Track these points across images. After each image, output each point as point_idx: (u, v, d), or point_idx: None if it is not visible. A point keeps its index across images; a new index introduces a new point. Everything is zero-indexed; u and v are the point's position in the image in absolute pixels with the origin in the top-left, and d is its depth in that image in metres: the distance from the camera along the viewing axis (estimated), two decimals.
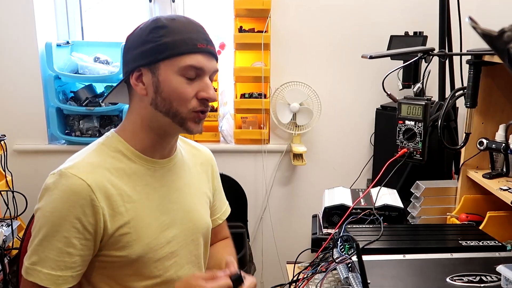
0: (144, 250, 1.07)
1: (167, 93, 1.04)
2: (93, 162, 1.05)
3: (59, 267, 0.99)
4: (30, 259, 1.00)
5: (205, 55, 1.06)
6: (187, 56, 1.03)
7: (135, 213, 1.06)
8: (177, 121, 1.06)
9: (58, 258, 0.99)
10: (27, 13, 2.19)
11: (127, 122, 1.13)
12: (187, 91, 1.05)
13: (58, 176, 1.01)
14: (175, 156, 1.18)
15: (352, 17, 2.27)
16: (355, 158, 2.41)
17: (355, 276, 1.03)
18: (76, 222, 0.99)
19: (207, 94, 1.06)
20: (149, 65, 1.05)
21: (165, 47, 1.03)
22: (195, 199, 1.22)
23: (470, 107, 1.44)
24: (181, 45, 1.03)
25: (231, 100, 2.38)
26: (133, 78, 1.07)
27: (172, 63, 1.04)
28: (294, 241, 2.48)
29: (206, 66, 1.06)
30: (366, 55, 1.46)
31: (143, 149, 1.11)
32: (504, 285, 0.96)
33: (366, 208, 1.41)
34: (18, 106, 2.28)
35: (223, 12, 2.36)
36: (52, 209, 0.99)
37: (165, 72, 1.04)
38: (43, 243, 0.99)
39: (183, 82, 1.04)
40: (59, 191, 0.99)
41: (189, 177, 1.22)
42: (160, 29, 1.04)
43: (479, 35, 0.53)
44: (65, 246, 0.99)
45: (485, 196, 1.52)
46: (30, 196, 1.83)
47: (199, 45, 1.05)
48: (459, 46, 1.87)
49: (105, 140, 1.11)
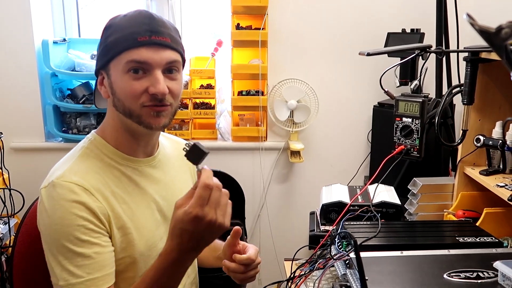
0: (145, 248, 1.07)
1: (118, 93, 1.03)
2: (82, 167, 1.04)
3: (94, 270, 0.97)
4: (62, 277, 0.97)
5: (150, 48, 1.01)
6: (128, 52, 1.01)
7: (131, 213, 1.07)
8: (134, 119, 1.04)
9: (88, 262, 0.97)
10: (23, 10, 2.17)
11: (106, 124, 1.12)
12: (134, 88, 1.01)
13: (52, 188, 0.99)
14: (158, 153, 1.18)
15: (349, 14, 2.27)
16: (353, 155, 2.41)
17: (353, 273, 1.04)
18: (88, 224, 0.98)
19: (155, 89, 1.01)
20: (104, 68, 1.05)
21: (110, 46, 1.02)
22: (183, 192, 1.22)
23: (467, 104, 1.44)
24: (121, 42, 1.01)
25: (228, 98, 2.38)
26: (98, 82, 1.08)
27: (117, 62, 1.02)
28: (291, 238, 2.48)
29: (152, 59, 1.01)
30: (363, 52, 1.46)
31: (125, 150, 1.10)
32: (501, 281, 0.97)
33: (363, 205, 1.41)
34: (15, 104, 2.27)
35: (220, 9, 2.36)
36: (59, 220, 0.97)
37: (114, 72, 1.03)
38: (67, 255, 0.97)
39: (129, 79, 1.01)
40: (58, 201, 0.97)
41: (174, 172, 1.22)
42: (107, 29, 1.05)
43: (476, 31, 0.53)
44: (88, 249, 0.97)
45: (482, 193, 1.52)
46: (27, 193, 1.82)
47: (140, 38, 1.00)
48: (456, 43, 1.87)
49: (88, 144, 1.09)
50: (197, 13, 2.39)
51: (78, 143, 1.12)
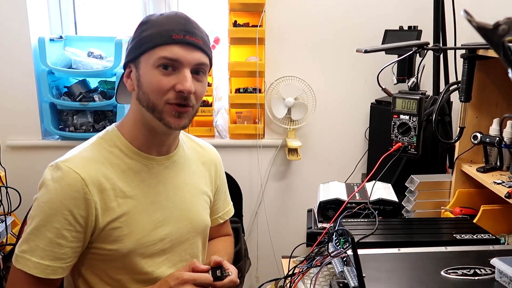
0: (135, 246, 1.07)
1: (145, 86, 1.05)
2: (88, 156, 1.06)
3: (48, 257, 1.00)
4: (21, 247, 1.02)
5: (183, 46, 1.03)
6: (161, 48, 1.03)
7: (127, 208, 1.07)
8: (156, 116, 1.06)
9: (47, 248, 1.00)
10: (19, 7, 2.16)
11: (126, 117, 1.14)
12: (162, 83, 1.03)
13: (55, 169, 1.03)
14: (174, 154, 1.18)
15: (346, 12, 2.27)
16: (350, 152, 2.41)
17: (350, 270, 1.04)
18: (68, 214, 1.00)
19: (182, 86, 1.03)
20: (133, 61, 1.07)
21: (144, 41, 1.04)
22: (193, 197, 1.21)
23: (464, 101, 1.44)
24: (156, 37, 1.03)
25: (225, 95, 2.37)
26: (125, 74, 1.10)
27: (149, 56, 1.04)
28: (289, 235, 2.49)
29: (184, 57, 1.03)
30: (361, 49, 1.45)
31: (139, 145, 1.11)
32: (498, 278, 0.97)
33: (361, 202, 1.41)
34: (11, 102, 2.26)
35: (218, 6, 2.35)
36: (46, 199, 1.01)
37: (144, 66, 1.05)
38: (35, 232, 1.01)
39: (158, 74, 1.03)
40: (54, 183, 1.01)
41: (189, 175, 1.21)
42: (143, 24, 1.07)
43: (474, 28, 0.53)
44: (55, 237, 1.00)
45: (479, 190, 1.52)
46: (24, 191, 1.82)
47: (174, 36, 1.03)
48: (453, 40, 1.87)
49: (104, 135, 1.12)
50: (194, 10, 2.38)
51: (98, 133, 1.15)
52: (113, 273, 1.09)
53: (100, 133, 1.14)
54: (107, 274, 1.09)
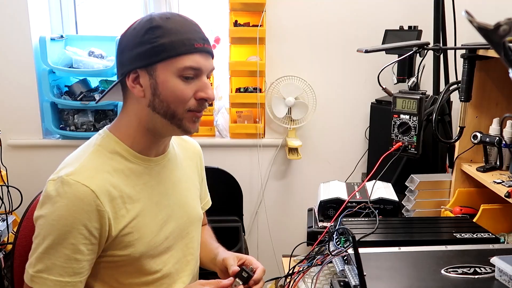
0: (146, 248, 1.07)
1: (165, 95, 1.03)
2: (92, 166, 1.03)
3: (67, 274, 0.98)
4: (35, 267, 0.99)
5: (203, 55, 1.04)
6: (185, 57, 1.01)
7: (135, 213, 1.06)
8: (175, 123, 1.05)
9: (66, 264, 0.98)
10: (20, 7, 2.17)
11: (122, 121, 1.10)
12: (186, 92, 1.03)
13: (60, 184, 0.98)
14: (168, 152, 1.18)
15: (347, 11, 2.27)
16: (350, 152, 2.42)
17: (351, 269, 1.04)
18: (83, 229, 0.98)
19: (206, 94, 1.04)
20: (146, 67, 1.02)
21: (163, 48, 1.00)
22: (188, 192, 1.23)
23: (464, 101, 1.44)
24: (179, 46, 1.01)
25: (226, 95, 2.38)
26: (129, 80, 1.04)
27: (170, 65, 1.01)
28: (289, 234, 2.49)
29: (204, 66, 1.04)
30: (361, 49, 1.46)
31: (140, 149, 1.10)
32: (498, 277, 0.97)
33: (361, 202, 1.42)
34: (12, 101, 2.26)
35: (218, 6, 2.35)
36: (57, 217, 0.97)
37: (163, 74, 1.02)
38: (49, 251, 0.98)
39: (181, 83, 1.02)
40: (64, 199, 0.97)
41: (182, 170, 1.23)
42: (155, 29, 1.01)
43: (475, 28, 0.54)
44: (72, 253, 0.98)
45: (478, 189, 1.53)
46: (25, 190, 1.82)
47: (196, 45, 1.02)
48: (453, 40, 1.88)
49: (101, 141, 1.08)
50: (194, 10, 2.38)
51: (90, 139, 1.11)
52: (122, 277, 1.08)
53: (93, 139, 1.10)
54: (116, 280, 1.08)
